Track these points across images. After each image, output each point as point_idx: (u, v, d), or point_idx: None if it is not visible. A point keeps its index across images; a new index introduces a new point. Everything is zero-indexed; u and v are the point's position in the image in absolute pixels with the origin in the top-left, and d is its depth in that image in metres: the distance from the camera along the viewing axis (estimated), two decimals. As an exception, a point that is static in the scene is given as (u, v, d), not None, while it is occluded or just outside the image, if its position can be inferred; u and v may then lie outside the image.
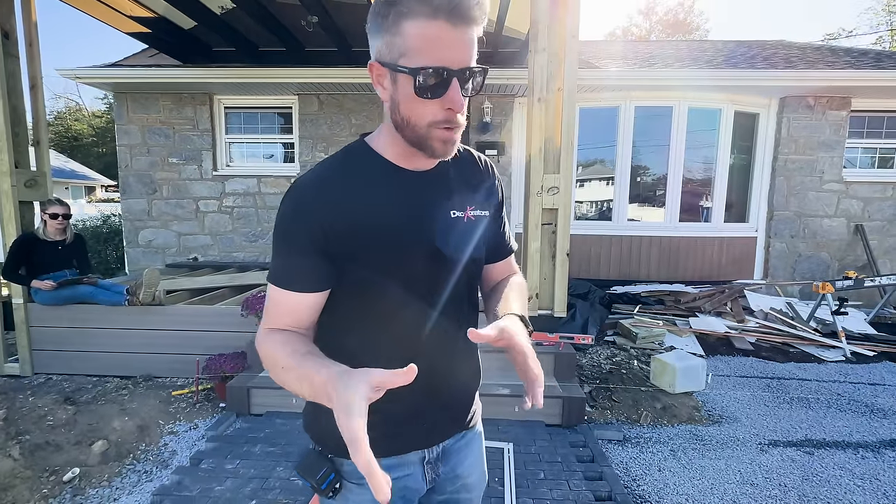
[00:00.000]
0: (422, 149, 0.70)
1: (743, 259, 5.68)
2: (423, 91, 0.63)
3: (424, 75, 0.62)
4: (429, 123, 0.66)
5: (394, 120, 0.69)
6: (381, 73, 0.67)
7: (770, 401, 3.22)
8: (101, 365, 3.39)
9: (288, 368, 0.67)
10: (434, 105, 0.64)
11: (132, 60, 5.86)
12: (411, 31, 0.61)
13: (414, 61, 0.62)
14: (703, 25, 28.86)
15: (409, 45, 0.62)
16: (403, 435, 0.80)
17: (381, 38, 0.65)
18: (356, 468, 0.69)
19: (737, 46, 7.45)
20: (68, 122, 27.47)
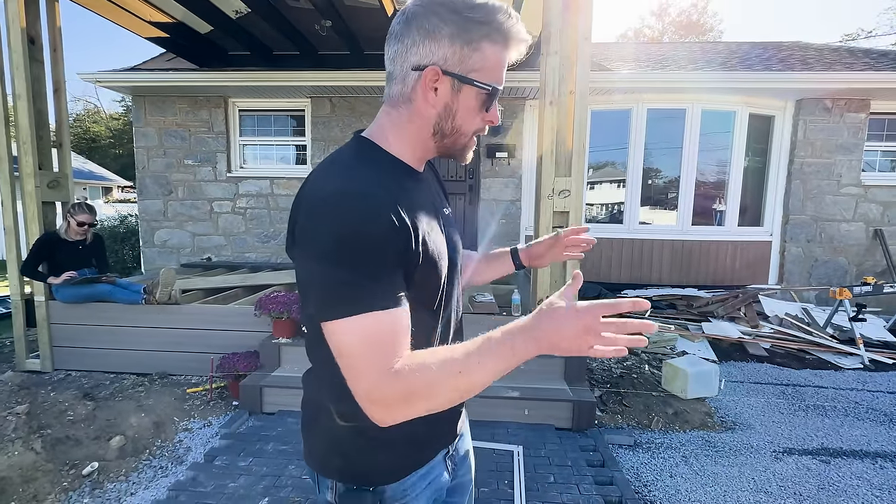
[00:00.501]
0: (455, 154, 0.75)
1: (757, 263, 5.60)
2: (486, 105, 0.71)
3: (493, 93, 0.70)
4: (473, 132, 0.73)
5: (440, 127, 0.71)
6: (438, 78, 0.67)
7: (785, 408, 3.17)
8: (118, 362, 3.47)
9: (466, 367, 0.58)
10: (479, 117, 0.72)
11: (150, 64, 6.00)
12: (490, 53, 0.67)
13: (484, 78, 0.68)
14: (716, 27, 28.50)
15: (485, 64, 0.67)
16: (434, 439, 0.82)
17: (451, 47, 0.66)
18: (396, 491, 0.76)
19: (752, 48, 7.35)
20: (87, 124, 28.08)
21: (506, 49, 0.69)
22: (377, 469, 0.75)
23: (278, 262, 5.84)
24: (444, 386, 0.59)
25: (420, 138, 0.72)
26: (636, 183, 5.49)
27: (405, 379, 0.58)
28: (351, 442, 0.74)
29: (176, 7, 4.17)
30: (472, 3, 0.66)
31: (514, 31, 0.68)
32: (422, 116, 0.70)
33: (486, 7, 0.66)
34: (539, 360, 2.99)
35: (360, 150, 0.72)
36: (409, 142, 0.73)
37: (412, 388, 0.59)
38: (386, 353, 0.59)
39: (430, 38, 0.66)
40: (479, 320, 3.22)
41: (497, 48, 0.67)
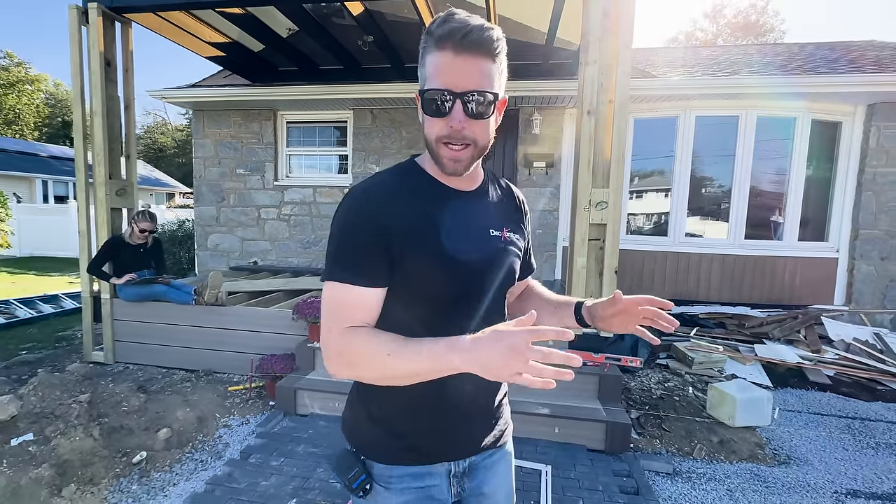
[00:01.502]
0: (438, 165, 0.78)
1: (820, 282, 5.14)
2: (429, 109, 0.73)
3: (430, 95, 0.72)
4: (436, 139, 0.75)
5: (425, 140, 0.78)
6: (419, 100, 0.76)
7: (850, 444, 2.87)
8: (170, 358, 3.72)
9: (396, 352, 0.68)
10: (440, 123, 0.73)
11: (209, 81, 6.47)
12: (428, 62, 0.73)
13: (426, 85, 0.73)
14: (778, 27, 26.73)
15: (427, 73, 0.73)
16: (430, 446, 0.85)
17: (420, 70, 0.76)
18: (383, 472, 0.83)
19: (817, 49, 6.84)
20: (155, 135, 30.66)
21: (439, 50, 0.70)
22: (371, 445, 0.85)
23: (318, 267, 6.05)
24: (373, 359, 0.70)
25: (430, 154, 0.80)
26: (682, 193, 5.22)
27: (350, 342, 0.72)
28: (362, 415, 0.86)
29: (232, 28, 4.49)
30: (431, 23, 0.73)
31: (436, 30, 0.70)
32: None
33: (433, 20, 0.71)
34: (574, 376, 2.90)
35: (397, 166, 0.85)
36: (428, 159, 0.82)
37: (353, 350, 0.72)
38: (342, 316, 0.74)
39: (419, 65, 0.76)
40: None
41: (433, 55, 0.71)
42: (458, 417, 0.85)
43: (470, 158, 0.76)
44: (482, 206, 0.86)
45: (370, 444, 0.85)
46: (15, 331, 4.85)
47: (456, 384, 0.80)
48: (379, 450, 0.84)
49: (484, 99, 0.72)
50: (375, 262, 0.75)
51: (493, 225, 0.85)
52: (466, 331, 0.79)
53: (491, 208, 0.87)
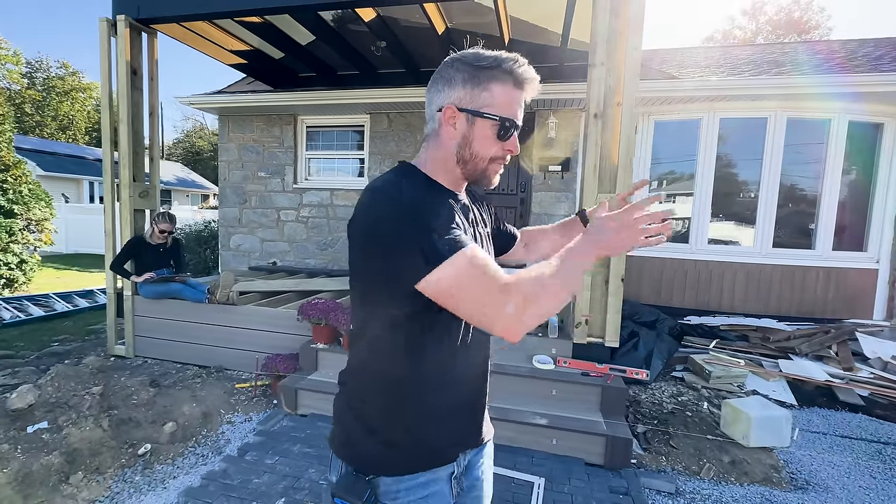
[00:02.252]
0: (478, 178, 0.88)
1: (857, 295, 4.80)
2: (502, 135, 0.84)
3: (506, 124, 0.83)
4: (491, 158, 0.85)
5: (460, 155, 0.86)
6: (455, 116, 0.83)
7: (880, 472, 2.65)
8: (185, 353, 3.87)
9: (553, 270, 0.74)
10: (501, 145, 0.85)
11: (234, 88, 6.72)
12: (499, 92, 0.82)
13: (495, 112, 0.82)
14: (824, 23, 25.31)
15: (494, 101, 0.82)
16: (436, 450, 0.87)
17: (463, 90, 0.82)
18: (390, 487, 0.83)
19: (860, 46, 6.42)
20: (193, 139, 32.17)
21: (515, 87, 0.82)
22: (376, 460, 0.84)
23: (333, 268, 6.16)
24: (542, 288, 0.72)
25: (447, 165, 0.87)
26: (705, 198, 5.00)
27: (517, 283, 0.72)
28: (360, 430, 0.86)
29: (252, 37, 4.64)
30: (482, 55, 0.82)
31: (519, 71, 0.81)
32: (446, 147, 0.86)
33: (493, 57, 0.81)
34: (575, 388, 2.82)
35: (401, 171, 0.88)
36: (441, 168, 0.88)
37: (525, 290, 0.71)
38: (492, 271, 0.73)
39: (448, 84, 0.84)
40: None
41: (505, 87, 0.81)
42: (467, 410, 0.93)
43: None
44: (473, 207, 0.98)
45: (374, 460, 0.84)
46: (51, 323, 5.17)
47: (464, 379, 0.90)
48: (383, 465, 0.84)
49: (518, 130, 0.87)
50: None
51: (481, 222, 1.00)
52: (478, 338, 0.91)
53: (476, 209, 1.00)
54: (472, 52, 0.83)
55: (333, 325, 3.22)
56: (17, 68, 24.86)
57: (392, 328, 0.81)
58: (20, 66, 25.16)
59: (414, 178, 0.86)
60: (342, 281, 4.93)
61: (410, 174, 0.86)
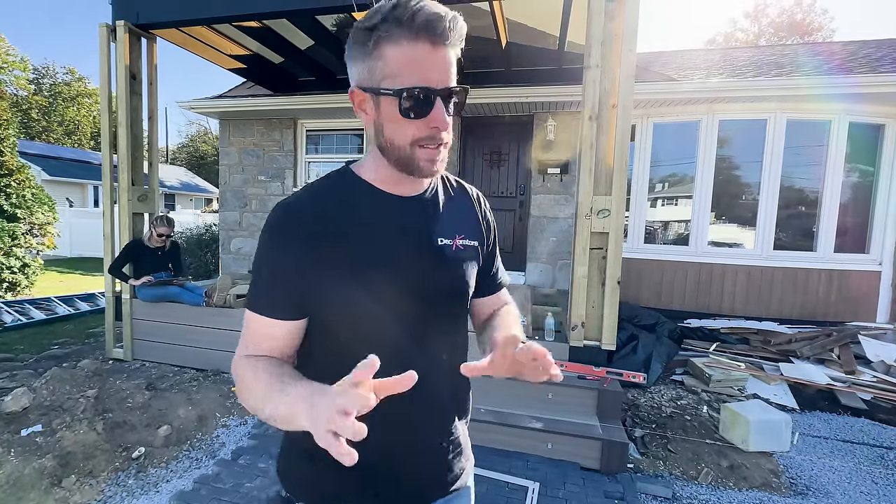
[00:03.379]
0: (408, 169, 0.69)
1: (860, 298, 4.75)
2: (408, 111, 0.64)
3: (409, 96, 0.63)
4: (412, 142, 0.66)
5: (378, 144, 0.70)
6: (362, 98, 0.68)
7: (882, 477, 2.61)
8: (183, 357, 3.87)
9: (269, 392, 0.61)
10: (418, 124, 0.65)
11: (234, 92, 6.76)
12: (393, 55, 0.62)
13: (397, 83, 0.63)
14: (827, 25, 25.24)
15: (391, 68, 0.63)
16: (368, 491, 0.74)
17: (362, 63, 0.66)
18: None
19: (860, 47, 6.39)
20: (197, 143, 32.40)
21: (413, 40, 0.61)
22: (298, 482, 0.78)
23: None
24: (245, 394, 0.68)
25: (376, 158, 0.72)
26: (705, 201, 4.97)
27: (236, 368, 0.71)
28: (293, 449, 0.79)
29: (251, 42, 4.67)
30: (371, 10, 0.63)
31: (409, 15, 0.60)
32: (369, 138, 0.72)
33: (377, 9, 0.62)
34: (571, 391, 2.80)
35: (328, 176, 0.76)
36: (374, 163, 0.73)
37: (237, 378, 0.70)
38: (247, 344, 0.72)
39: (348, 62, 0.69)
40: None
41: (400, 46, 0.62)
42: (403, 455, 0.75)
43: (445, 158, 0.70)
44: (429, 211, 0.76)
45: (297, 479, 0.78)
46: (52, 326, 5.20)
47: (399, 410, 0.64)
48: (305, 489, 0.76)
49: (462, 96, 0.67)
50: (292, 292, 0.69)
51: (442, 233, 0.76)
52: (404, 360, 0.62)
53: (441, 213, 0.77)
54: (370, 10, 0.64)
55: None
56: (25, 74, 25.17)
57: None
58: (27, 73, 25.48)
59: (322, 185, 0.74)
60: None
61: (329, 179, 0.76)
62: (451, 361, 0.75)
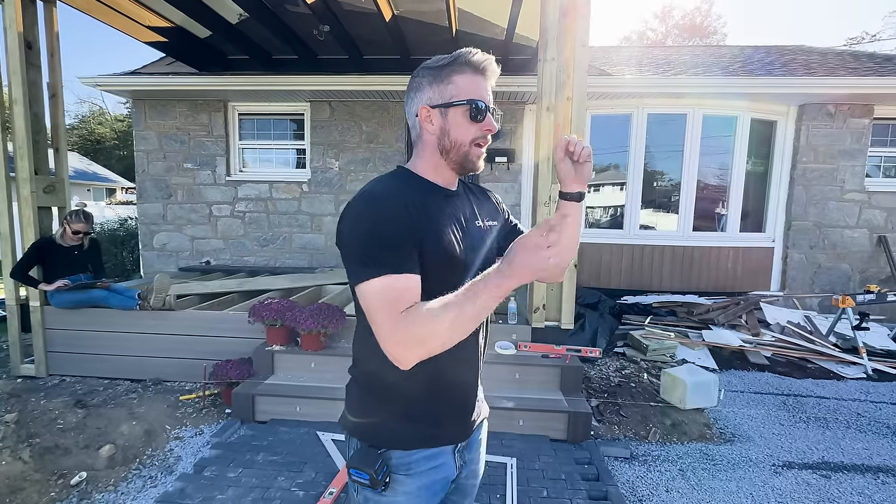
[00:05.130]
0: (464, 165, 0.92)
1: (759, 270, 5.54)
2: (474, 115, 0.88)
3: (476, 104, 0.88)
4: (471, 141, 0.90)
5: (441, 146, 0.91)
6: (430, 113, 0.90)
7: (786, 419, 3.12)
8: (113, 368, 3.45)
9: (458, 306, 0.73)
10: (476, 127, 0.89)
11: (151, 68, 6.01)
12: (461, 81, 0.88)
13: (464, 97, 0.88)
14: (720, 30, 28.35)
15: (459, 90, 0.88)
16: (445, 430, 0.94)
17: (431, 90, 0.90)
18: (402, 460, 0.90)
19: (754, 52, 7.31)
20: (91, 125, 28.26)
21: (475, 74, 0.89)
22: (388, 434, 0.91)
23: (276, 266, 5.82)
24: (443, 320, 0.74)
25: (434, 161, 0.93)
26: (636, 188, 5.44)
27: (414, 321, 0.75)
28: (370, 406, 0.93)
29: (175, 12, 4.18)
30: (440, 57, 0.90)
31: (475, 60, 0.88)
32: (429, 144, 0.92)
33: (450, 55, 0.89)
34: (536, 370, 2.96)
35: (395, 175, 0.94)
36: (429, 165, 0.94)
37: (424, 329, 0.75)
38: (395, 306, 0.77)
39: (417, 90, 0.92)
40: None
41: (466, 76, 0.88)
42: (470, 401, 0.99)
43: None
44: (468, 202, 1.00)
45: (386, 434, 0.91)
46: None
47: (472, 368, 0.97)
48: (394, 439, 0.90)
49: (499, 114, 0.95)
50: (412, 253, 0.82)
51: (478, 216, 1.00)
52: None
53: (472, 203, 1.02)
54: (434, 58, 0.91)
55: (290, 325, 3.06)
56: None
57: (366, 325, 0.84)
58: None
59: (396, 177, 0.93)
60: (290, 278, 4.69)
61: (396, 177, 0.93)
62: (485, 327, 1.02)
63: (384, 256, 0.79)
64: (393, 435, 0.91)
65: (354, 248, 0.82)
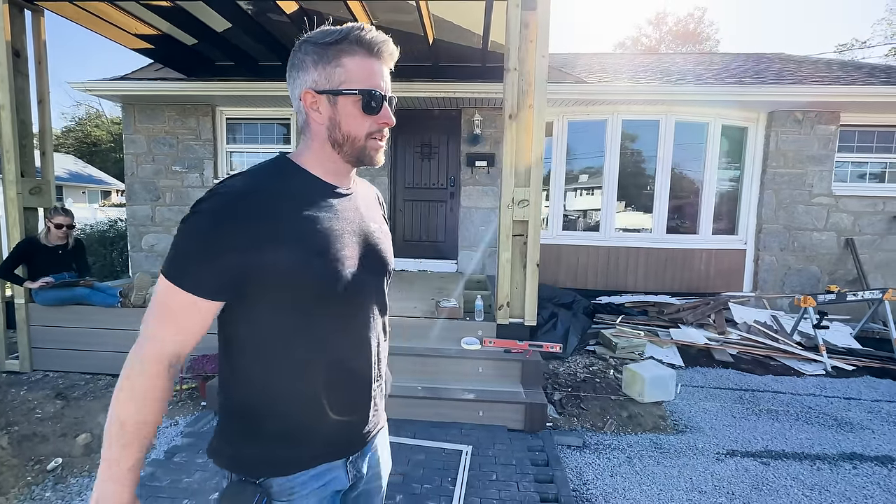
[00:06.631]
0: (359, 159, 0.83)
1: (732, 271, 5.70)
2: (369, 107, 0.79)
3: (370, 94, 0.79)
4: (366, 135, 0.81)
5: (333, 139, 0.81)
6: (316, 99, 0.79)
7: (739, 412, 3.26)
8: (95, 363, 3.57)
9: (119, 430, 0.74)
10: (371, 120, 0.80)
11: (140, 73, 6.16)
12: (352, 65, 0.78)
13: (354, 87, 0.78)
14: (713, 36, 28.73)
15: (350, 75, 0.78)
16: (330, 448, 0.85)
17: (316, 71, 0.78)
18: (284, 486, 0.79)
19: (733, 59, 7.51)
20: (88, 128, 28.37)
21: (369, 57, 0.79)
22: (266, 462, 0.78)
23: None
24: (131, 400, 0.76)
25: (324, 153, 0.82)
26: (612, 192, 5.61)
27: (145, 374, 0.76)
28: (240, 432, 0.80)
29: (161, 21, 4.33)
30: (327, 31, 0.79)
31: (368, 38, 0.78)
32: (318, 134, 0.81)
33: (338, 30, 0.78)
34: (497, 363, 3.10)
35: (275, 164, 0.82)
36: (319, 158, 0.83)
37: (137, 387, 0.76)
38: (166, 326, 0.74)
39: (300, 69, 0.80)
40: (444, 325, 3.33)
41: (358, 59, 0.78)
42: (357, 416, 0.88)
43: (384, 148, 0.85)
44: (361, 203, 0.90)
45: (260, 462, 0.79)
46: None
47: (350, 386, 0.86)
48: (271, 465, 0.79)
49: (394, 105, 0.85)
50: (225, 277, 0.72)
51: (372, 218, 0.91)
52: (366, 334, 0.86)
53: (366, 204, 0.93)
54: (319, 30, 0.79)
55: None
56: None
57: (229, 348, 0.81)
58: None
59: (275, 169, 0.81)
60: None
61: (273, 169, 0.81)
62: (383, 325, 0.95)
63: (189, 264, 0.71)
64: (271, 462, 0.79)
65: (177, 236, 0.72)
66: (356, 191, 0.90)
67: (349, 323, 0.84)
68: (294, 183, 0.80)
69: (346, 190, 0.87)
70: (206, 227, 0.71)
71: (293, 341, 0.78)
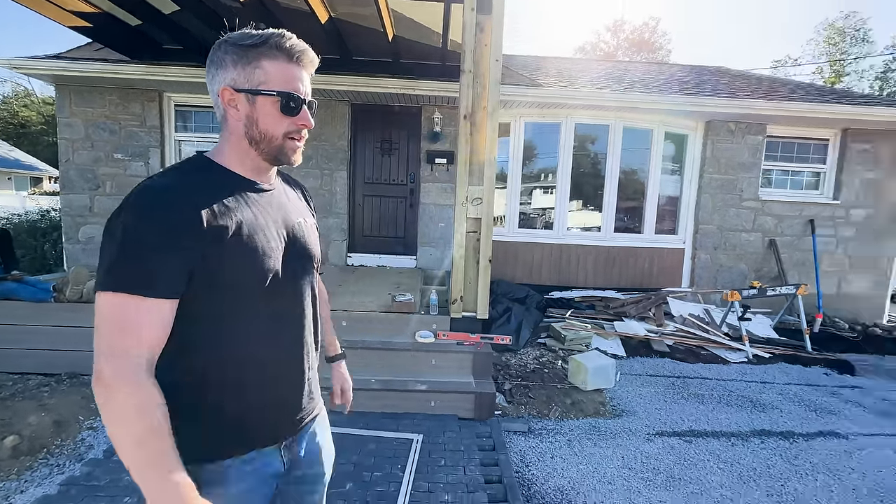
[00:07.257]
0: (277, 158, 0.87)
1: (672, 269, 6.13)
2: (287, 108, 0.83)
3: (287, 97, 0.83)
4: (284, 135, 0.85)
5: (250, 136, 0.84)
6: (234, 97, 0.83)
7: (670, 397, 3.56)
8: (25, 362, 3.34)
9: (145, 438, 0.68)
10: (289, 120, 0.85)
11: (77, 53, 5.73)
12: (272, 68, 0.82)
13: (273, 88, 0.82)
14: (665, 45, 30.34)
15: (269, 77, 0.82)
16: (261, 433, 0.88)
17: (235, 70, 0.82)
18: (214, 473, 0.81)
19: (678, 70, 8.02)
20: (15, 107, 25.85)
21: (289, 62, 0.83)
22: (193, 449, 0.77)
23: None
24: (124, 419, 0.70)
25: (241, 149, 0.86)
26: (565, 192, 5.87)
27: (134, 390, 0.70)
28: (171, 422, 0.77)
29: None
30: (248, 34, 0.84)
31: (288, 45, 0.83)
32: (235, 131, 0.85)
33: (259, 35, 0.83)
34: (450, 355, 3.21)
35: (192, 163, 0.85)
36: (236, 154, 0.86)
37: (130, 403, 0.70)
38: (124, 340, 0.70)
39: (219, 67, 0.84)
40: (399, 319, 3.39)
41: (278, 63, 0.83)
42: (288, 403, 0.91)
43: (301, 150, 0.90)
44: (284, 198, 0.94)
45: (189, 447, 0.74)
46: None
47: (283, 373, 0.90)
48: (200, 451, 0.79)
49: (314, 108, 0.90)
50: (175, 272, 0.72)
51: (298, 212, 0.96)
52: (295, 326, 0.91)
53: (291, 200, 0.97)
54: (239, 32, 0.84)
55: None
56: None
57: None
58: None
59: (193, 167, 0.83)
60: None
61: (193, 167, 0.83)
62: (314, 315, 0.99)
63: (129, 270, 0.69)
64: (200, 448, 0.79)
65: (104, 249, 0.71)
66: (278, 186, 0.95)
67: (278, 313, 0.87)
68: (215, 179, 0.83)
69: (268, 186, 0.91)
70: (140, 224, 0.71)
71: (220, 332, 0.80)
